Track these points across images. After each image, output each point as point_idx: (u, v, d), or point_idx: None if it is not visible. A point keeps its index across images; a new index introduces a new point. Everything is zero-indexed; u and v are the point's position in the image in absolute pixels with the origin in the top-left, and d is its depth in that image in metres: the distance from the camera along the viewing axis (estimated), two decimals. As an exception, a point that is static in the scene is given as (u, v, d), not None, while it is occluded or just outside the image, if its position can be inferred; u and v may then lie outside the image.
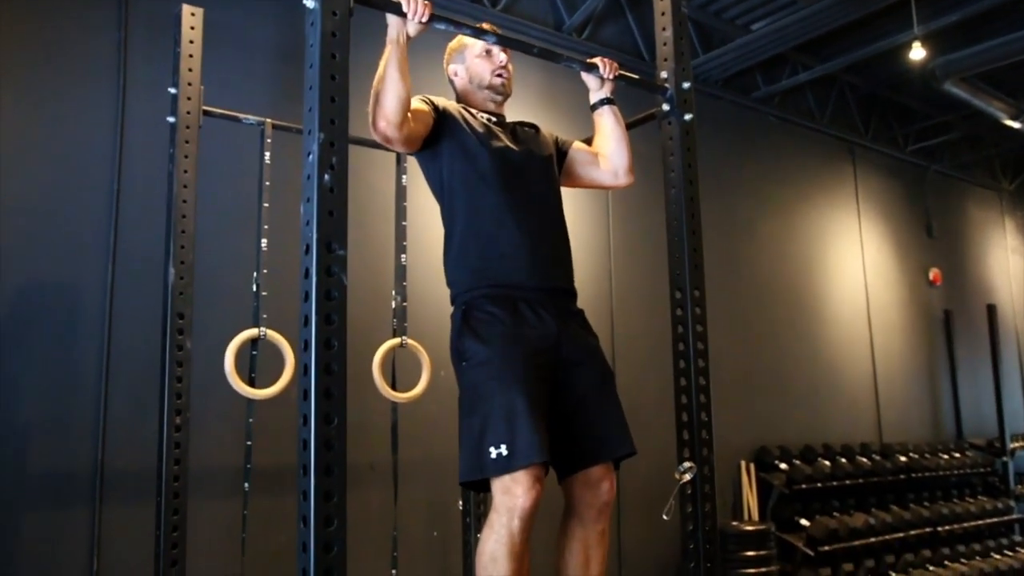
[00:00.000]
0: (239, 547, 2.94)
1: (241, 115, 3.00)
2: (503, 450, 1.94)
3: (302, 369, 1.70)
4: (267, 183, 3.02)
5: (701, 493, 2.35)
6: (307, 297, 1.74)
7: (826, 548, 5.14)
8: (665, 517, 2.32)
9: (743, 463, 5.40)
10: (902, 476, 6.05)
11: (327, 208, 1.78)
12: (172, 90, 2.81)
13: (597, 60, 2.42)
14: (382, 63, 2.09)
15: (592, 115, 2.49)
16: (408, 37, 2.09)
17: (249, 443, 2.92)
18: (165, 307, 2.72)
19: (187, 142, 2.78)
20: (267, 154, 3.03)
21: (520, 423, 1.96)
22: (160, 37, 3.36)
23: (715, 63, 5.59)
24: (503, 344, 2.07)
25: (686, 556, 2.35)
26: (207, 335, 3.03)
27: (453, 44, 2.49)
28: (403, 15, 2.05)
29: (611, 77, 2.43)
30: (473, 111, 2.35)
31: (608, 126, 2.44)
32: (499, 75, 2.39)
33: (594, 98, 2.47)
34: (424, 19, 2.06)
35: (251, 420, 2.93)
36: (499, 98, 2.41)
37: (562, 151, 2.47)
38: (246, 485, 2.92)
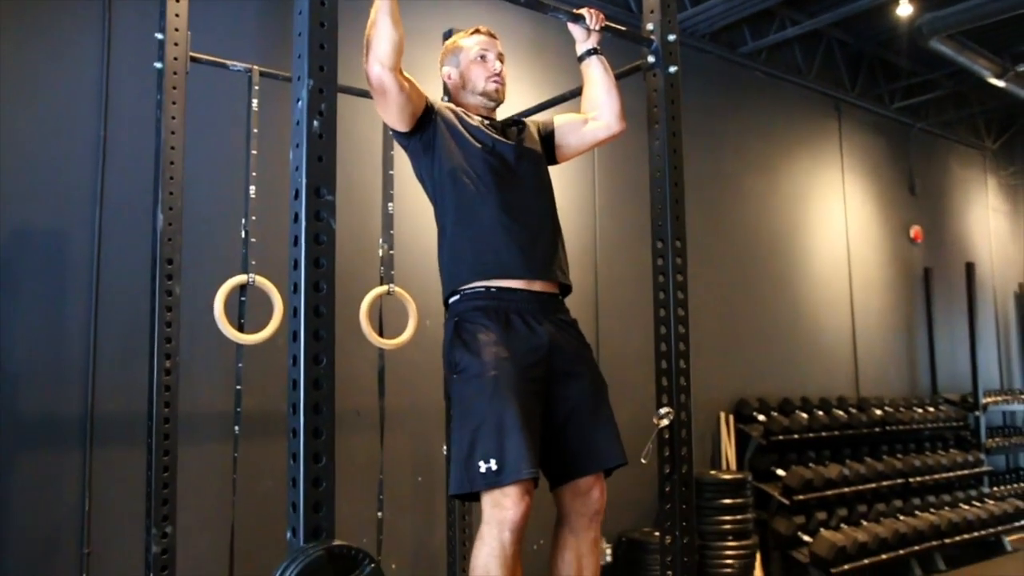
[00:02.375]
0: (229, 489, 3.01)
1: (228, 62, 3.00)
2: (492, 464, 1.97)
3: (291, 311, 1.75)
4: (255, 130, 3.02)
5: (678, 437, 2.44)
6: (296, 241, 1.78)
7: (800, 497, 5.28)
8: (643, 461, 2.40)
9: (722, 415, 5.52)
10: (877, 429, 6.19)
11: (316, 154, 1.81)
12: (159, 36, 2.79)
13: (583, 11, 2.44)
14: (373, 9, 2.11)
15: (580, 66, 2.51)
16: None
17: (239, 387, 2.97)
18: (154, 253, 2.75)
19: (174, 88, 2.78)
20: (255, 101, 3.03)
21: (510, 437, 1.98)
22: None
23: (702, 16, 5.57)
24: (494, 357, 2.08)
25: (662, 498, 2.44)
26: (196, 281, 3.06)
27: (448, 44, 2.50)
28: (392, -40, 2.07)
29: (597, 28, 2.45)
30: (466, 112, 2.36)
31: (596, 76, 2.46)
32: (493, 81, 2.40)
33: (580, 49, 2.49)
34: None
35: (240, 365, 2.98)
36: (492, 104, 2.43)
37: (547, 133, 2.49)
38: (236, 428, 2.98)
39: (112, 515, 3.31)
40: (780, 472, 5.40)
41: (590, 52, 2.47)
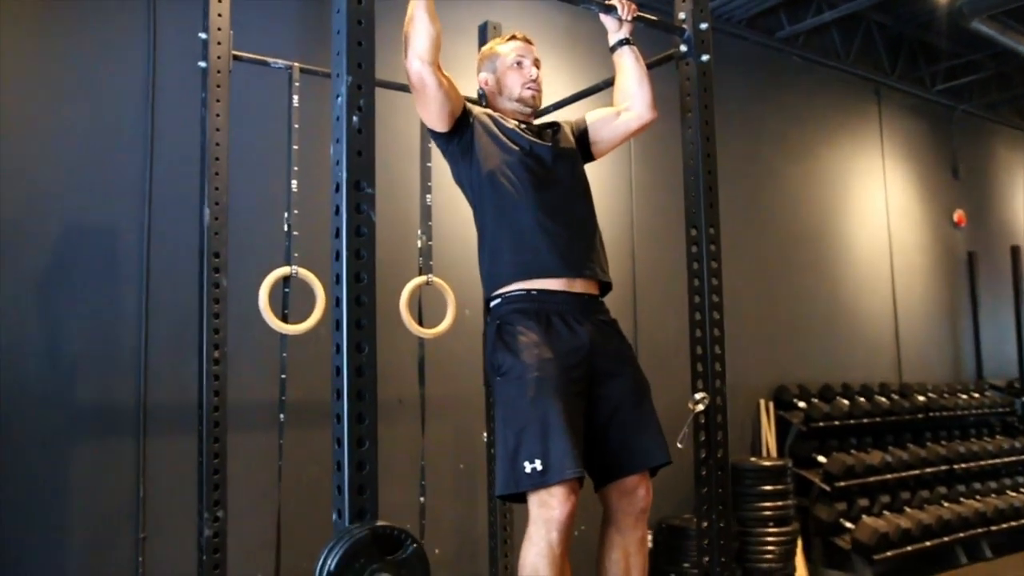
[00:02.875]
0: (275, 476, 3.10)
1: (270, 59, 3.08)
2: (537, 464, 2.00)
3: (334, 301, 1.81)
4: (296, 126, 3.10)
5: (714, 422, 2.47)
6: (338, 233, 1.85)
7: (842, 484, 5.26)
8: (679, 445, 2.44)
9: (762, 402, 5.51)
10: (920, 415, 6.13)
11: (355, 148, 1.88)
12: (202, 35, 2.88)
13: (615, 1, 2.47)
14: (410, 5, 2.16)
15: (612, 56, 2.54)
16: None
17: (283, 376, 3.06)
18: (201, 247, 2.84)
19: (218, 86, 2.87)
20: (295, 97, 3.11)
21: (554, 438, 2.01)
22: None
23: (738, 2, 5.54)
24: (537, 359, 2.11)
25: (698, 482, 2.47)
26: (242, 274, 3.16)
27: (484, 50, 2.55)
28: (426, -42, 2.12)
29: (629, 18, 2.48)
30: (503, 116, 2.40)
31: (628, 66, 2.49)
32: (529, 88, 2.43)
33: (612, 39, 2.52)
34: None
35: (284, 355, 3.07)
36: (528, 110, 2.46)
37: (581, 132, 2.52)
38: (281, 416, 3.07)
39: (165, 501, 3.43)
40: (821, 459, 5.38)
41: (622, 42, 2.50)
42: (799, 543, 5.14)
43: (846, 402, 5.66)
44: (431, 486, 3.55)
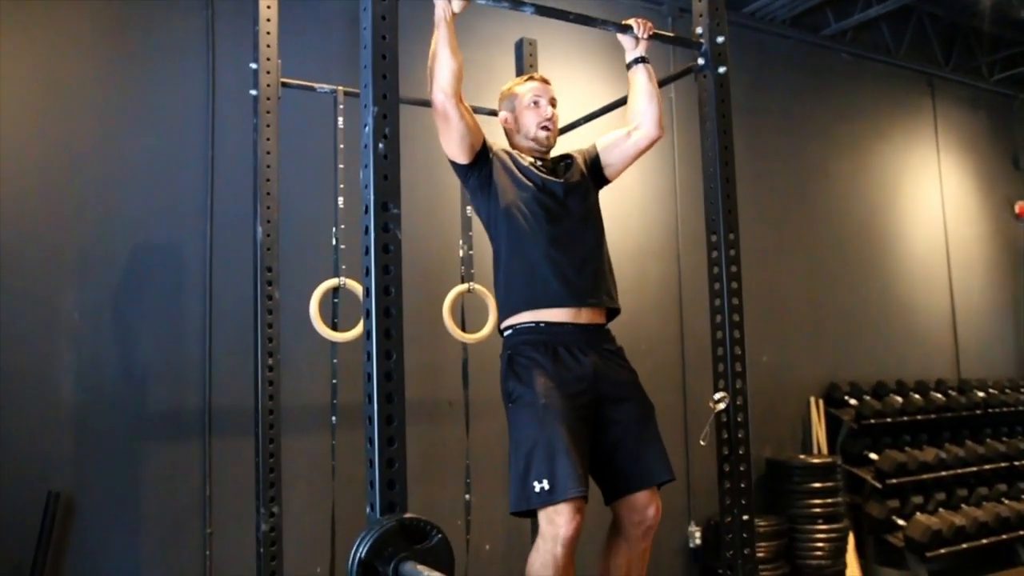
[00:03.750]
0: (330, 474, 3.31)
1: (316, 84, 3.28)
2: (545, 484, 2.18)
3: (364, 313, 1.99)
4: (341, 146, 3.30)
5: (735, 420, 2.58)
6: (367, 251, 2.03)
7: (894, 481, 5.24)
8: (702, 443, 2.55)
9: (812, 399, 5.53)
10: (979, 412, 6.04)
11: (382, 173, 2.06)
12: (253, 65, 3.09)
13: (631, 21, 2.59)
14: (433, 41, 2.31)
15: (627, 73, 2.66)
16: (454, 14, 2.30)
17: (334, 381, 3.26)
18: (255, 262, 3.06)
19: (268, 112, 3.08)
20: (340, 119, 3.30)
21: (560, 460, 2.18)
22: (242, 16, 3.66)
23: (781, 2, 5.57)
24: (544, 387, 2.29)
25: (721, 478, 2.57)
26: (294, 285, 3.37)
27: (504, 90, 2.69)
28: (446, -6, 2.27)
29: (645, 37, 2.60)
30: (519, 154, 2.56)
31: (640, 83, 2.61)
32: (544, 127, 2.59)
33: (629, 57, 2.64)
34: None
35: (335, 361, 3.27)
36: (543, 149, 2.61)
37: (593, 159, 2.65)
38: (333, 419, 3.27)
39: (230, 498, 3.67)
40: (872, 456, 5.37)
41: (637, 60, 2.61)
42: (851, 540, 5.15)
43: (899, 399, 5.63)
44: (482, 485, 3.71)
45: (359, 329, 3.21)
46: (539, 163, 2.55)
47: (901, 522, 5.21)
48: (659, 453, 2.43)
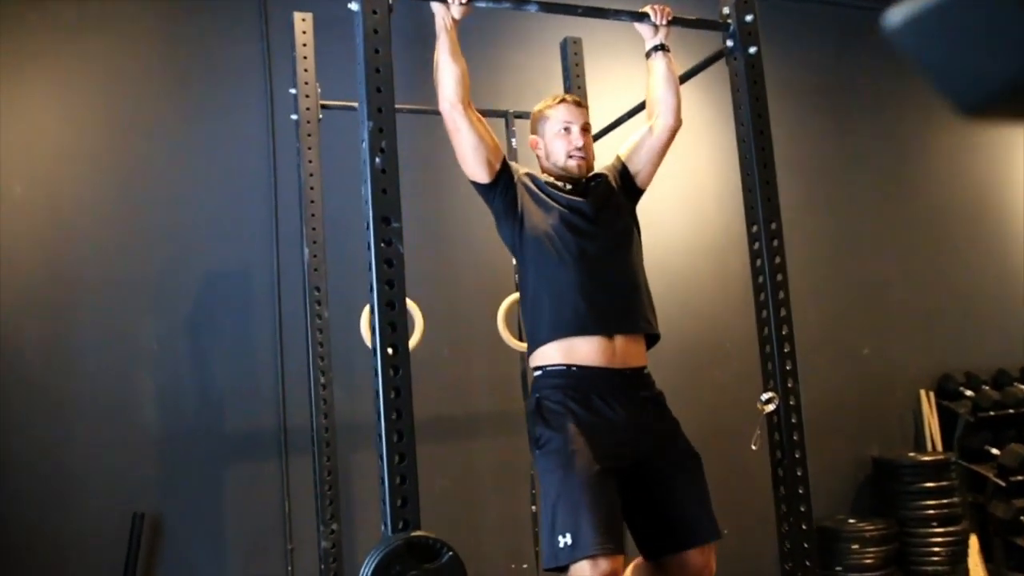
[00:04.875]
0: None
1: (354, 104, 3.30)
2: (568, 539, 2.00)
3: (366, 327, 1.97)
4: (385, 163, 3.32)
5: (788, 423, 2.41)
6: (370, 266, 2.02)
7: (1020, 478, 4.81)
8: (753, 447, 2.40)
9: (923, 392, 5.15)
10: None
11: (380, 187, 2.04)
12: (292, 91, 3.16)
13: (648, 8, 2.47)
14: (436, 52, 2.28)
15: (646, 62, 2.54)
16: (455, 21, 2.25)
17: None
18: (304, 283, 3.11)
19: (309, 135, 3.14)
20: (383, 136, 3.32)
21: (583, 513, 2.01)
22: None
23: (863, -29, 5.26)
24: (573, 434, 2.12)
25: (775, 483, 2.41)
26: (347, 304, 3.40)
27: (535, 112, 2.53)
28: (444, 1, 2.23)
29: (663, 23, 2.47)
30: (545, 176, 2.44)
31: (659, 72, 2.46)
32: (573, 156, 2.40)
33: (648, 45, 2.50)
34: (463, 0, 2.22)
35: (390, 376, 3.28)
36: (574, 177, 2.43)
37: (621, 170, 2.49)
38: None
39: (310, 514, 3.73)
40: (994, 451, 4.96)
41: (656, 48, 2.48)
42: (974, 543, 4.77)
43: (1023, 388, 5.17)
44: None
45: (412, 343, 3.21)
46: (567, 185, 2.40)
47: (1030, 522, 4.78)
48: (710, 509, 2.25)
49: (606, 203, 2.39)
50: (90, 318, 3.56)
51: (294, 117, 3.17)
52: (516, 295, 3.43)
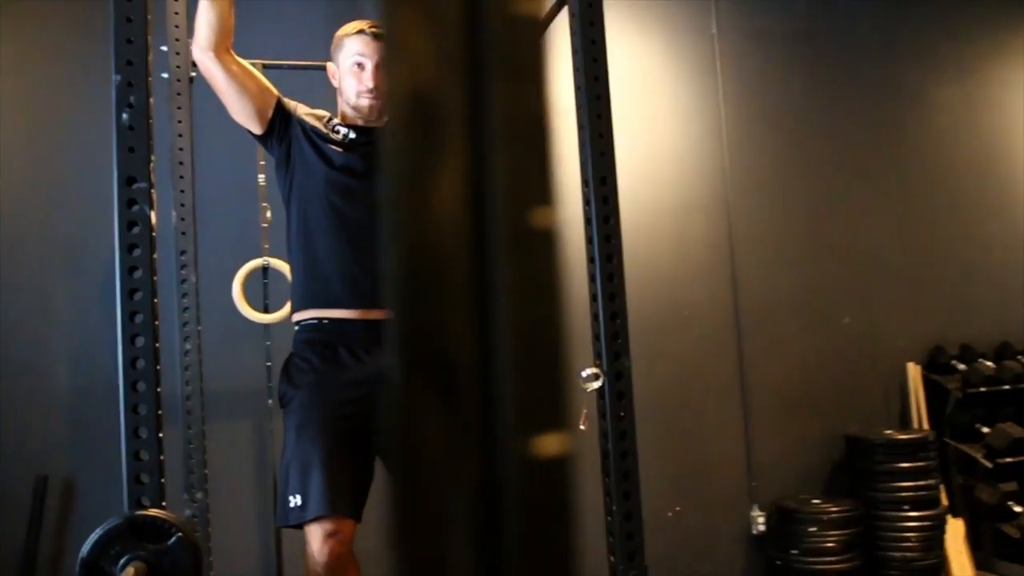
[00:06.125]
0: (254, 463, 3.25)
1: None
2: (298, 500, 1.97)
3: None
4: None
5: (615, 403, 2.19)
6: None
7: (1008, 460, 4.42)
8: (582, 428, 2.21)
9: (911, 365, 4.77)
10: None
11: (127, 145, 1.90)
12: (163, 48, 3.05)
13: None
14: None
15: None
16: None
17: (268, 364, 3.18)
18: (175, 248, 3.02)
19: (179, 94, 3.02)
20: (267, 94, 3.19)
21: (313, 474, 1.96)
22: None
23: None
24: (310, 392, 2.07)
25: (603, 470, 2.21)
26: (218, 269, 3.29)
27: (336, 35, 2.32)
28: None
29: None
30: (326, 121, 2.27)
31: None
32: (365, 97, 2.23)
33: None
34: None
35: (268, 343, 3.18)
36: (367, 120, 2.28)
37: None
38: (269, 402, 3.18)
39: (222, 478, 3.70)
40: (985, 430, 4.56)
41: None
42: (962, 530, 4.43)
43: (1019, 363, 4.73)
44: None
45: (286, 310, 3.09)
46: (351, 134, 2.24)
47: (1018, 508, 4.39)
48: None
49: (376, 165, 2.20)
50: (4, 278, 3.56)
51: (165, 75, 3.05)
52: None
